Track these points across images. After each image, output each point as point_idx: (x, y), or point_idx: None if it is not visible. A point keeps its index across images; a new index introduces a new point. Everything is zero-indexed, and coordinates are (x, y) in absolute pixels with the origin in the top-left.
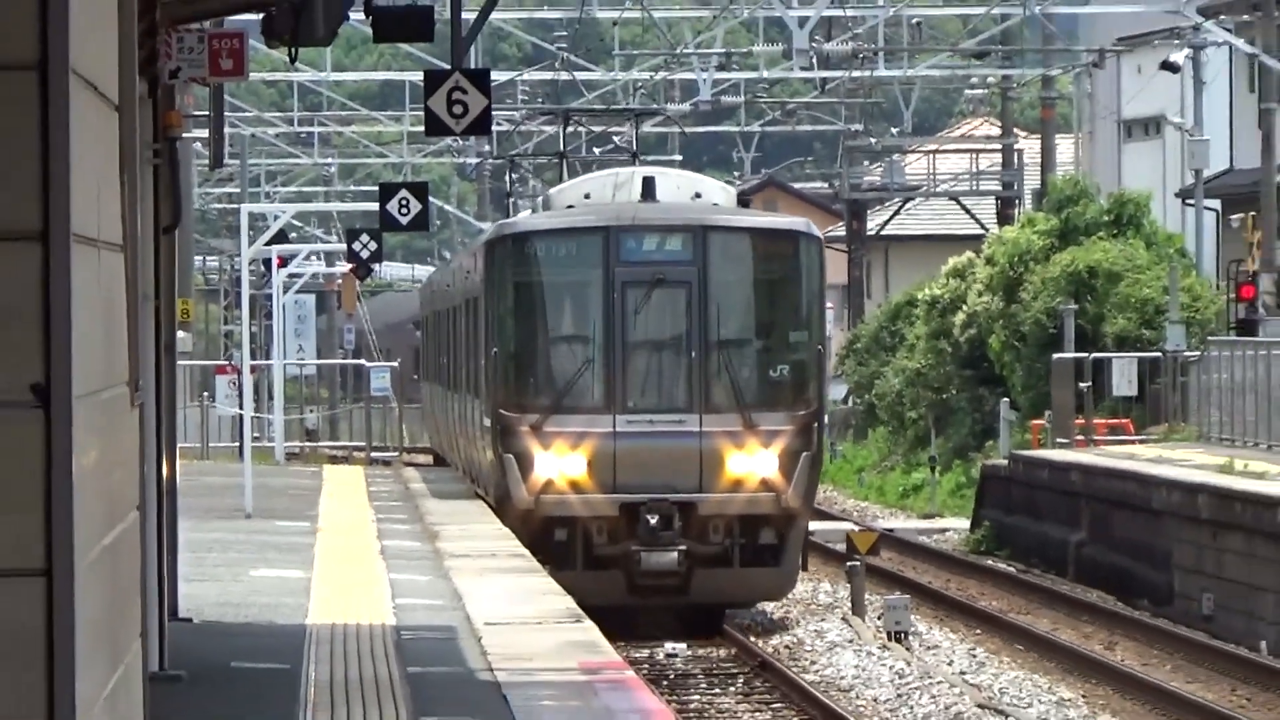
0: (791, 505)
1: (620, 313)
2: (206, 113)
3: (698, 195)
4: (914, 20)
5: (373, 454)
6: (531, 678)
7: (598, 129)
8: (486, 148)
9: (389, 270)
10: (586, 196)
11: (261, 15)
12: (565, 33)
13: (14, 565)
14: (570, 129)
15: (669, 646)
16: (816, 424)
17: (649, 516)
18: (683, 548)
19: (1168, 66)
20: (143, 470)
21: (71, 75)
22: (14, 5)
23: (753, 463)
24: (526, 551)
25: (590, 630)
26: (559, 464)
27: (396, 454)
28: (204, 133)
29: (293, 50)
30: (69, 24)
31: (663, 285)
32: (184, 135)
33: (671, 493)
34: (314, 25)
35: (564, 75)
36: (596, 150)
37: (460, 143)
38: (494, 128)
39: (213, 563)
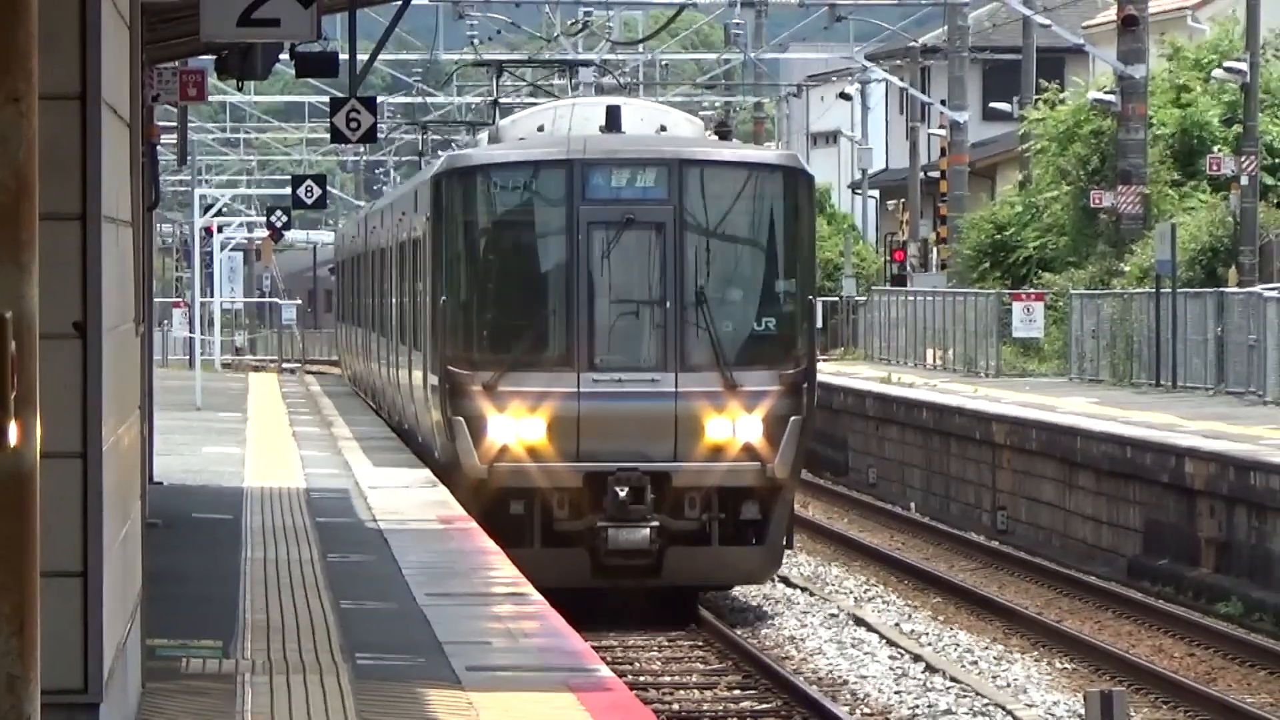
0: (778, 476)
1: (586, 257)
2: (173, 124)
3: (663, 128)
4: (664, 63)
5: (283, 365)
6: (404, 526)
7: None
8: (362, 148)
9: (291, 235)
10: (540, 129)
11: (215, 57)
12: (419, 69)
13: (60, 450)
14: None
15: None
16: (806, 384)
17: (617, 488)
18: (655, 524)
19: (843, 96)
20: (143, 382)
21: (103, 104)
22: (65, 58)
23: (735, 428)
24: (395, 435)
25: (442, 491)
26: (515, 428)
27: (300, 365)
28: (171, 138)
29: (240, 83)
30: (101, 69)
31: (633, 226)
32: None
33: (643, 461)
34: (254, 65)
35: (417, 99)
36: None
37: (343, 145)
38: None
39: (176, 442)
